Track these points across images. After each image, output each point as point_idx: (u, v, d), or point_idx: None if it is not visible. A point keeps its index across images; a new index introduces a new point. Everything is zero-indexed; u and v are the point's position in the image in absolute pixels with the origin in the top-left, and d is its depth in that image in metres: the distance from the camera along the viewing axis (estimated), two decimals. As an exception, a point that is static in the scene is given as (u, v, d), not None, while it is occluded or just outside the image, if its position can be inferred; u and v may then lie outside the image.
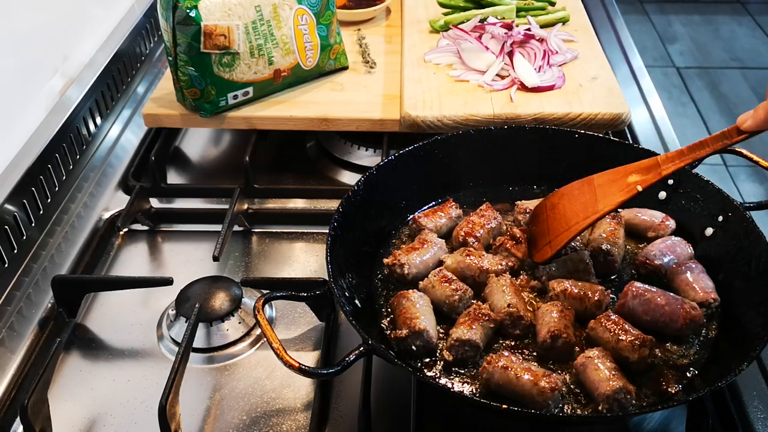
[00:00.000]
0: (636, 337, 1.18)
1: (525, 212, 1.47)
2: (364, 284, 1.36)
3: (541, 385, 1.11)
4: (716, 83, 5.35)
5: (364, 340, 1.12)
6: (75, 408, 1.27)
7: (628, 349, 1.17)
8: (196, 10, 1.57)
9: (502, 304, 1.26)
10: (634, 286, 1.26)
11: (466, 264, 1.34)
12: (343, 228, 1.33)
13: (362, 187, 1.42)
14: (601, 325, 1.22)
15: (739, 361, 1.10)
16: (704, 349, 1.24)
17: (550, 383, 1.11)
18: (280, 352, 1.09)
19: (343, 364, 1.10)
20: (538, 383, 1.11)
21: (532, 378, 1.12)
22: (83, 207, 1.67)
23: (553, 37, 1.92)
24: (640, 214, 1.46)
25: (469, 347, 1.20)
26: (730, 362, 1.13)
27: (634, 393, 1.12)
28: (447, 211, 1.47)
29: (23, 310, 1.43)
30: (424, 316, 1.23)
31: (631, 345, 1.17)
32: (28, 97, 1.66)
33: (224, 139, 1.95)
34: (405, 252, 1.36)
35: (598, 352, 1.17)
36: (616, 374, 1.13)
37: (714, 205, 1.40)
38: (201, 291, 1.39)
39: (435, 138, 1.54)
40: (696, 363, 1.22)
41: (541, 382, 1.11)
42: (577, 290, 1.29)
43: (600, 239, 1.39)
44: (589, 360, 1.16)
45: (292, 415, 1.26)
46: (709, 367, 1.21)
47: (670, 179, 1.48)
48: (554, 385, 1.11)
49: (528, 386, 1.12)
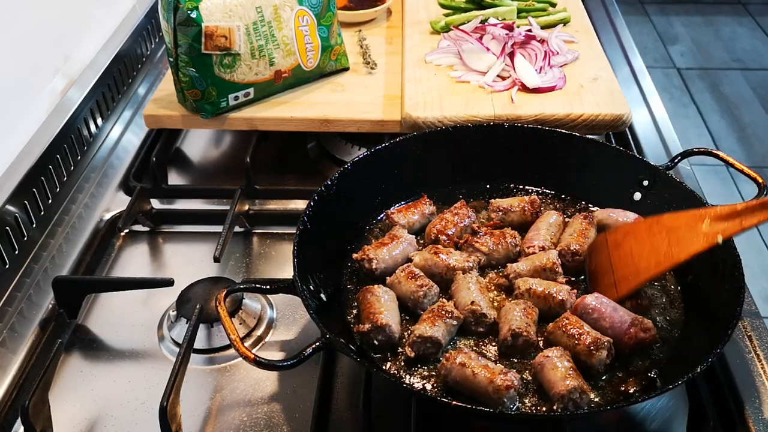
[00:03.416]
0: (593, 340, 1.18)
1: (498, 210, 1.48)
2: (333, 278, 1.37)
3: (496, 383, 1.12)
4: (717, 84, 5.34)
5: (322, 334, 1.14)
6: (76, 409, 1.27)
7: (585, 353, 1.18)
8: (197, 11, 1.58)
9: (466, 302, 1.27)
10: (584, 301, 1.25)
11: (434, 261, 1.35)
12: (314, 222, 1.34)
13: (336, 182, 1.43)
14: (558, 329, 1.22)
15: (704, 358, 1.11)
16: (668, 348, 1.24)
17: (506, 381, 1.12)
18: (237, 344, 1.11)
19: (300, 357, 1.12)
20: (493, 381, 1.12)
21: (488, 375, 1.13)
22: (84, 208, 1.68)
23: (554, 38, 1.92)
24: (614, 215, 1.46)
25: (431, 344, 1.21)
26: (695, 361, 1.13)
27: (589, 393, 1.13)
28: (420, 208, 1.49)
29: (24, 311, 1.43)
30: (388, 311, 1.24)
31: (588, 348, 1.18)
32: (29, 98, 1.66)
33: (225, 140, 1.96)
34: (374, 247, 1.38)
35: (557, 351, 1.18)
36: (572, 374, 1.14)
37: (687, 206, 1.40)
38: (202, 292, 1.39)
39: (412, 134, 1.56)
40: (658, 363, 1.22)
41: (497, 379, 1.12)
42: (541, 289, 1.29)
43: (569, 239, 1.40)
44: (547, 359, 1.17)
45: (292, 415, 1.26)
46: (672, 367, 1.21)
47: (645, 180, 1.49)
48: (510, 383, 1.12)
49: (484, 383, 1.13)
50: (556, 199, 1.57)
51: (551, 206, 1.55)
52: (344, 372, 1.33)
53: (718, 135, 4.75)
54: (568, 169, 1.57)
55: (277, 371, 1.32)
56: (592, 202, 1.55)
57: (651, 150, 1.82)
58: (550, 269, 1.34)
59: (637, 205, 1.49)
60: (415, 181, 1.56)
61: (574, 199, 1.57)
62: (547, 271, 1.34)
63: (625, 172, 1.51)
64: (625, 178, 1.51)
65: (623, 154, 1.53)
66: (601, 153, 1.54)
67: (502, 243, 1.40)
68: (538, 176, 1.59)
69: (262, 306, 1.44)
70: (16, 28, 1.62)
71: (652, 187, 1.48)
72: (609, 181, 1.53)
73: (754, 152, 4.58)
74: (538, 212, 1.49)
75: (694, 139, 4.61)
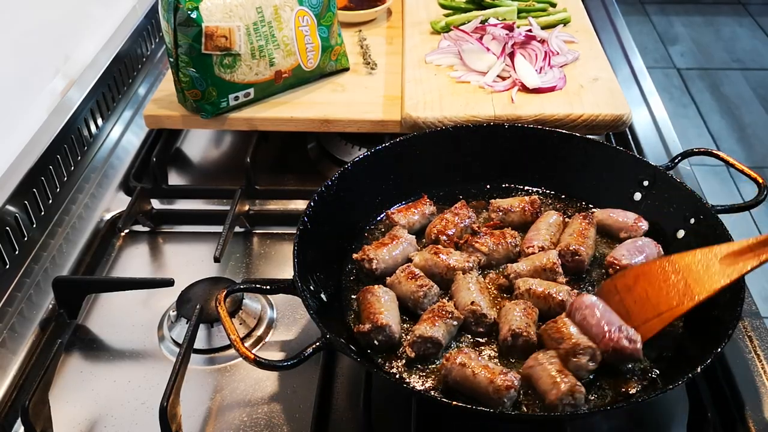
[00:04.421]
0: (576, 344, 1.17)
1: (498, 210, 1.49)
2: (333, 279, 1.37)
3: (496, 383, 1.12)
4: (717, 84, 5.34)
5: (322, 334, 1.14)
6: (76, 409, 1.28)
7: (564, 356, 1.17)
8: (197, 12, 1.58)
9: (466, 302, 1.27)
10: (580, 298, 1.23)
11: (434, 261, 1.35)
12: (314, 222, 1.35)
13: (336, 182, 1.43)
14: (547, 331, 1.22)
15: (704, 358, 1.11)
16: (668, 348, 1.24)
17: (506, 382, 1.12)
18: (237, 344, 1.11)
19: (300, 357, 1.12)
20: (494, 381, 1.12)
21: (488, 376, 1.13)
22: (84, 208, 1.68)
23: (554, 38, 1.92)
24: (614, 215, 1.46)
25: (431, 344, 1.21)
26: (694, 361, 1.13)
27: (583, 393, 1.12)
28: (421, 208, 1.49)
29: (24, 311, 1.43)
30: (388, 311, 1.24)
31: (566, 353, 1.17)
32: (29, 98, 1.67)
33: (225, 140, 1.96)
34: (374, 247, 1.38)
35: (542, 356, 1.17)
36: (561, 378, 1.13)
37: (687, 207, 1.41)
38: (202, 292, 1.39)
39: (412, 135, 1.56)
40: (658, 363, 1.22)
41: (497, 380, 1.12)
42: (541, 289, 1.29)
43: (569, 239, 1.40)
44: (532, 369, 1.16)
45: (292, 415, 1.26)
46: (672, 367, 1.21)
47: (645, 180, 1.49)
48: (510, 383, 1.12)
49: (484, 384, 1.13)
50: (556, 200, 1.58)
51: (551, 206, 1.55)
52: (344, 372, 1.33)
53: (719, 135, 4.75)
54: (568, 170, 1.57)
55: (277, 371, 1.32)
56: (592, 202, 1.55)
57: (651, 150, 1.82)
58: (550, 269, 1.34)
59: (637, 205, 1.49)
60: (415, 181, 1.56)
61: (574, 199, 1.57)
62: (547, 272, 1.34)
63: (625, 172, 1.51)
64: (625, 178, 1.51)
65: (623, 155, 1.53)
66: (601, 153, 1.55)
67: (502, 243, 1.41)
68: (538, 176, 1.59)
69: (262, 306, 1.44)
70: (16, 28, 1.62)
71: (652, 188, 1.48)
72: (609, 182, 1.53)
73: (754, 152, 4.58)
74: (538, 212, 1.49)
75: (694, 139, 4.62)
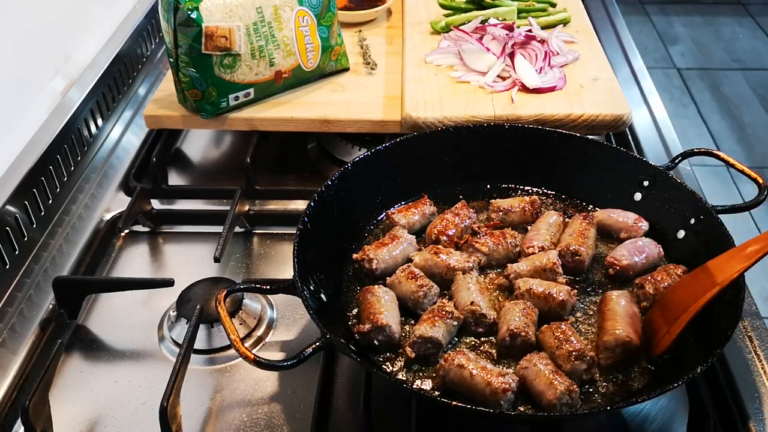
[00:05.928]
0: (574, 349, 1.17)
1: (498, 210, 1.49)
2: (333, 278, 1.37)
3: (493, 386, 1.12)
4: (717, 84, 5.34)
5: (322, 334, 1.14)
6: (76, 409, 1.28)
7: (563, 358, 1.17)
8: (197, 12, 1.58)
9: (466, 302, 1.27)
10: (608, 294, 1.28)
11: (434, 261, 1.35)
12: (314, 222, 1.34)
13: (336, 182, 1.43)
14: (548, 331, 1.22)
15: (704, 358, 1.11)
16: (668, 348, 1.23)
17: (503, 384, 1.12)
18: (237, 344, 1.11)
19: (300, 357, 1.12)
20: (491, 383, 1.12)
21: (486, 378, 1.13)
22: (84, 208, 1.68)
23: (554, 38, 1.92)
24: (614, 215, 1.46)
25: (431, 344, 1.21)
26: (694, 361, 1.13)
27: (578, 393, 1.13)
28: (421, 208, 1.49)
29: (24, 311, 1.43)
30: (388, 311, 1.24)
31: (567, 354, 1.17)
32: (29, 98, 1.67)
33: (225, 140, 1.96)
34: (374, 247, 1.38)
35: (535, 358, 1.17)
36: (555, 379, 1.13)
37: (687, 207, 1.41)
38: (202, 292, 1.39)
39: (412, 135, 1.56)
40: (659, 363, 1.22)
41: (494, 382, 1.12)
42: (542, 289, 1.29)
43: (569, 239, 1.40)
44: (525, 371, 1.16)
45: (292, 415, 1.26)
46: (672, 367, 1.21)
47: (645, 181, 1.49)
48: (507, 386, 1.12)
49: (481, 385, 1.13)
50: (556, 200, 1.57)
51: (551, 206, 1.55)
52: (344, 372, 1.33)
53: (719, 135, 4.75)
54: (568, 170, 1.57)
55: (277, 371, 1.32)
56: (592, 203, 1.55)
57: (651, 150, 1.82)
58: (550, 269, 1.34)
59: (637, 205, 1.49)
60: (415, 181, 1.56)
61: (574, 199, 1.57)
62: (547, 272, 1.34)
63: (625, 172, 1.51)
64: (626, 178, 1.51)
65: (623, 155, 1.53)
66: (602, 153, 1.54)
67: (502, 243, 1.41)
68: (538, 176, 1.59)
69: (262, 306, 1.44)
70: (16, 28, 1.62)
71: (652, 188, 1.48)
72: (609, 182, 1.53)
73: (754, 152, 4.58)
74: (538, 213, 1.49)
75: (694, 139, 4.61)
